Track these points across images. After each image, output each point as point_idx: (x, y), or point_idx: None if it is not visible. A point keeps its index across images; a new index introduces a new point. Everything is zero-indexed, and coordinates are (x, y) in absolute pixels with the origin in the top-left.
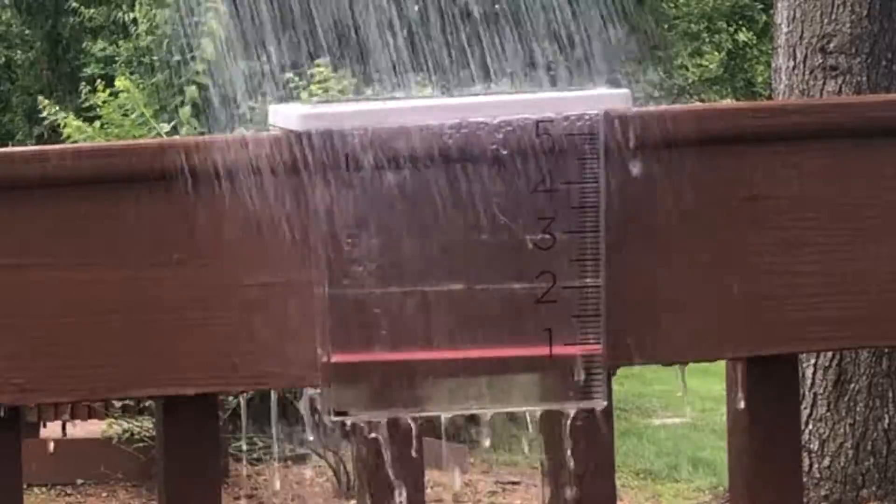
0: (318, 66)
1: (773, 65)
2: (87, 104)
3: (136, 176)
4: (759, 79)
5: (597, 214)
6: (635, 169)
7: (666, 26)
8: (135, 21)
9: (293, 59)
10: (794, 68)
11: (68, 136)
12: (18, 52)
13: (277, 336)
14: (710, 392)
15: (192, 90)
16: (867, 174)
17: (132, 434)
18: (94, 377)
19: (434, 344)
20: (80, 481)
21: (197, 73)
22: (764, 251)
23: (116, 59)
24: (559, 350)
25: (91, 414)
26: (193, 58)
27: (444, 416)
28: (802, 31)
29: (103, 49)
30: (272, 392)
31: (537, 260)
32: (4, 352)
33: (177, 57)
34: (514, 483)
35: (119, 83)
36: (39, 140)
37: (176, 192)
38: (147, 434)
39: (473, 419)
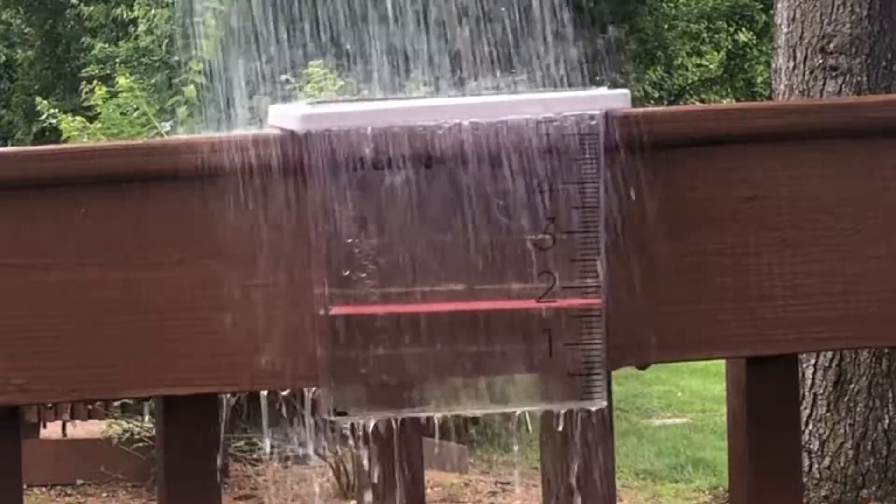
0: (313, 66)
1: (773, 65)
2: (87, 103)
3: (136, 176)
4: (759, 79)
5: (597, 214)
6: (635, 169)
7: (666, 26)
8: (134, 21)
9: (292, 59)
10: (794, 68)
11: (68, 137)
12: (18, 50)
13: (278, 336)
14: (710, 392)
15: (190, 90)
16: (867, 174)
17: (132, 434)
18: (95, 377)
19: (434, 344)
20: (80, 481)
21: (196, 72)
22: (764, 251)
23: (116, 58)
24: (559, 350)
25: (91, 414)
26: (191, 57)
27: (444, 416)
28: (802, 32)
29: (103, 48)
30: (270, 393)
31: (537, 260)
32: (4, 352)
33: (175, 57)
34: (514, 483)
35: (121, 81)
36: (39, 139)
37: (176, 192)
38: (147, 434)
39: (473, 419)
